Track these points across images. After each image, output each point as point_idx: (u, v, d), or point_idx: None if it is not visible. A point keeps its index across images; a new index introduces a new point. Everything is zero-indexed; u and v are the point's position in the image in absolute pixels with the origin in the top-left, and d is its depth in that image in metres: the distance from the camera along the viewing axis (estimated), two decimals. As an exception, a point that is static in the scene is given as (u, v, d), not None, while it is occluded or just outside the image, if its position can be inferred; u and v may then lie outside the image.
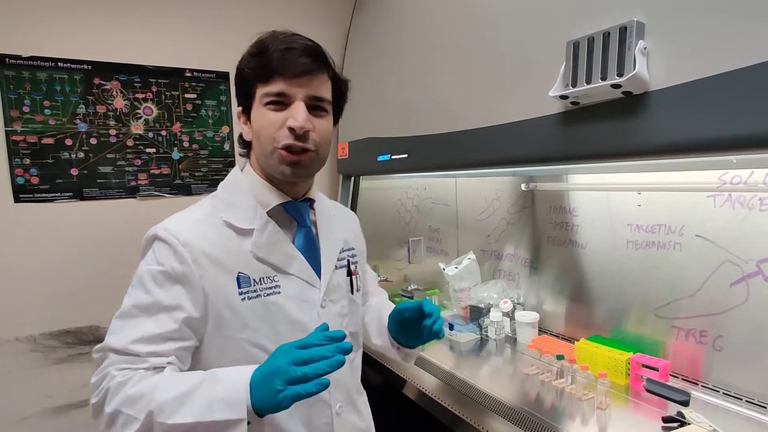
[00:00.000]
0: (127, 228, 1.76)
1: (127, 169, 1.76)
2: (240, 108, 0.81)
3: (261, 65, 0.73)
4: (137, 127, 1.76)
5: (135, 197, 1.78)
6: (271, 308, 0.76)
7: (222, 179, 2.07)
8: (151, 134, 1.79)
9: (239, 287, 0.73)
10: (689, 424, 0.97)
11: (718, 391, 1.09)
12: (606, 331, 1.37)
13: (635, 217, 1.27)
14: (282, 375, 0.58)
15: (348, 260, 0.91)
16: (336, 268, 0.87)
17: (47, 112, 1.61)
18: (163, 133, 1.81)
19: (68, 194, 1.67)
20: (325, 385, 0.58)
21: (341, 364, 0.59)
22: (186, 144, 1.86)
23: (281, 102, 0.73)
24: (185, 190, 1.87)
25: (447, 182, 1.99)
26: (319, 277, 0.82)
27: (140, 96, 1.76)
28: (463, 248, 1.90)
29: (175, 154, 1.85)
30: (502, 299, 1.61)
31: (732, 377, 1.08)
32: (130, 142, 1.75)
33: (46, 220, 1.63)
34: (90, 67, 1.66)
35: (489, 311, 1.60)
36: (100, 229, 1.72)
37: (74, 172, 1.67)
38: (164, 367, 0.69)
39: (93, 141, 1.69)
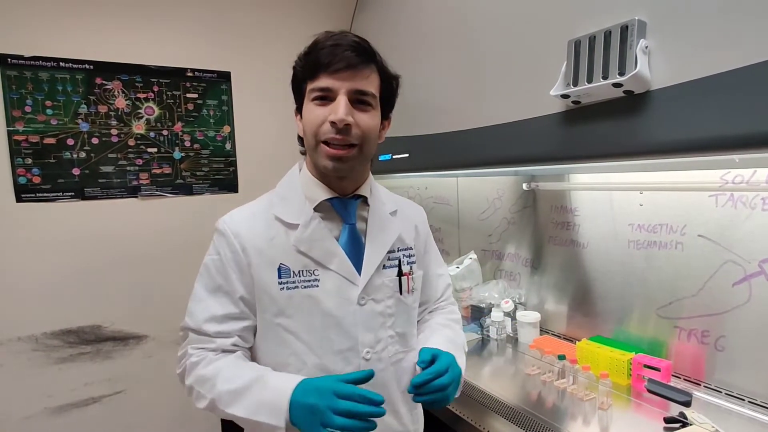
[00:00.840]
0: (129, 227, 1.77)
1: (128, 168, 1.76)
2: (296, 106, 0.85)
3: (309, 62, 0.77)
4: (139, 127, 1.77)
5: (136, 197, 1.78)
6: (307, 300, 0.80)
7: (223, 179, 2.08)
8: (152, 134, 1.79)
9: (279, 277, 0.80)
10: (691, 424, 0.97)
11: (721, 392, 1.09)
12: (608, 331, 1.36)
13: (637, 217, 1.26)
14: (321, 416, 0.66)
15: (400, 260, 0.90)
16: (384, 267, 0.87)
17: (49, 111, 1.61)
18: (165, 132, 1.82)
19: (70, 194, 1.67)
20: None
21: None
22: (187, 144, 1.86)
23: (326, 97, 0.76)
24: (186, 190, 1.87)
25: (448, 182, 1.99)
26: (359, 275, 0.83)
27: (142, 96, 1.76)
28: (465, 248, 1.90)
29: (177, 154, 1.85)
30: (504, 299, 1.61)
31: (734, 377, 1.07)
32: (131, 142, 1.76)
33: (48, 220, 1.63)
34: (92, 67, 1.67)
35: (490, 311, 1.60)
36: (101, 228, 1.72)
37: (76, 171, 1.67)
38: (230, 350, 0.81)
39: (95, 141, 1.69)
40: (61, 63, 1.62)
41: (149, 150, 1.79)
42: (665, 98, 0.78)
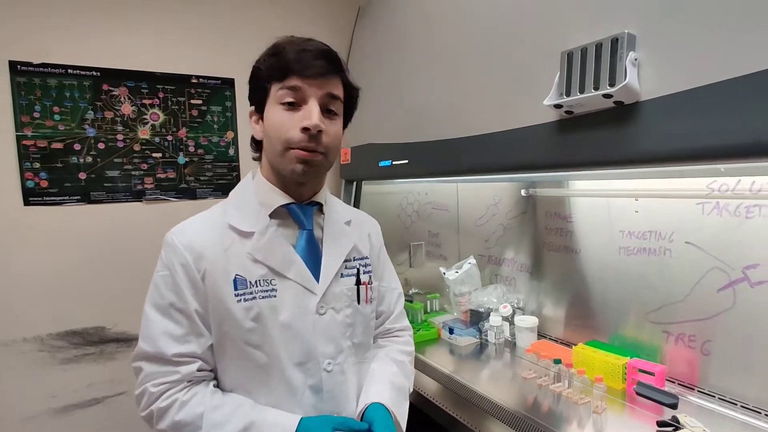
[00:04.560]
0: (133, 231, 1.79)
1: (133, 173, 1.79)
2: (252, 107, 0.81)
3: (277, 64, 0.75)
4: (144, 132, 1.80)
5: (141, 201, 1.81)
6: (266, 311, 0.77)
7: (226, 183, 2.10)
8: (157, 139, 1.82)
9: (235, 289, 0.75)
10: (683, 428, 0.98)
11: (714, 396, 1.11)
12: (604, 336, 1.38)
13: (628, 224, 1.29)
14: None
15: (358, 269, 0.88)
16: (342, 275, 0.85)
17: (57, 117, 1.65)
18: (169, 138, 1.85)
19: (76, 197, 1.70)
20: None
21: None
22: (191, 149, 1.89)
23: (295, 102, 0.74)
24: (190, 194, 1.90)
25: (449, 187, 2.01)
26: (318, 282, 0.81)
27: (147, 102, 1.79)
28: (464, 253, 1.92)
29: (181, 159, 1.88)
30: (502, 304, 1.63)
31: (726, 382, 1.09)
32: (136, 147, 1.79)
33: (55, 223, 1.66)
34: (99, 73, 1.70)
35: (489, 315, 1.61)
36: (106, 231, 1.74)
37: (82, 176, 1.70)
38: (197, 379, 0.75)
39: (101, 146, 1.72)
40: (69, 70, 1.65)
41: (154, 155, 1.82)
42: (654, 109, 0.80)
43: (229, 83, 1.94)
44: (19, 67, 1.58)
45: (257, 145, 0.84)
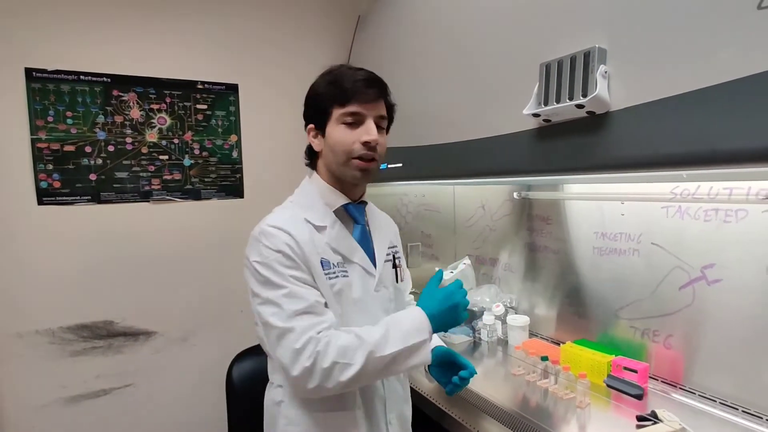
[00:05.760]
0: (141, 230, 1.87)
1: (141, 174, 1.86)
2: (311, 125, 0.97)
3: (337, 92, 0.91)
4: (151, 136, 1.87)
5: (148, 201, 1.88)
6: (344, 288, 0.94)
7: (230, 185, 2.17)
8: (164, 142, 1.90)
9: (323, 268, 0.92)
10: (661, 422, 1.03)
11: (695, 393, 1.15)
12: (593, 335, 1.42)
13: (613, 226, 1.33)
14: (462, 311, 0.92)
15: (393, 255, 1.09)
16: (384, 261, 1.03)
17: (69, 121, 1.73)
18: (176, 141, 1.92)
19: (87, 198, 1.78)
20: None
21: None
22: (197, 151, 1.96)
23: (355, 122, 0.91)
24: (195, 195, 1.97)
25: (445, 189, 2.05)
26: (374, 266, 1.00)
27: (155, 107, 1.87)
28: (459, 253, 1.96)
29: (187, 161, 1.95)
30: (495, 303, 1.67)
31: (701, 379, 1.14)
32: (144, 150, 1.86)
33: (67, 222, 1.74)
34: (109, 79, 1.77)
35: (482, 314, 1.65)
36: (115, 230, 1.82)
37: (93, 177, 1.78)
38: (334, 326, 0.88)
39: (110, 148, 1.80)
40: (81, 76, 1.73)
41: (161, 157, 1.90)
42: (622, 118, 0.84)
43: (233, 89, 2.01)
44: (34, 73, 1.66)
45: (311, 154, 1.01)
